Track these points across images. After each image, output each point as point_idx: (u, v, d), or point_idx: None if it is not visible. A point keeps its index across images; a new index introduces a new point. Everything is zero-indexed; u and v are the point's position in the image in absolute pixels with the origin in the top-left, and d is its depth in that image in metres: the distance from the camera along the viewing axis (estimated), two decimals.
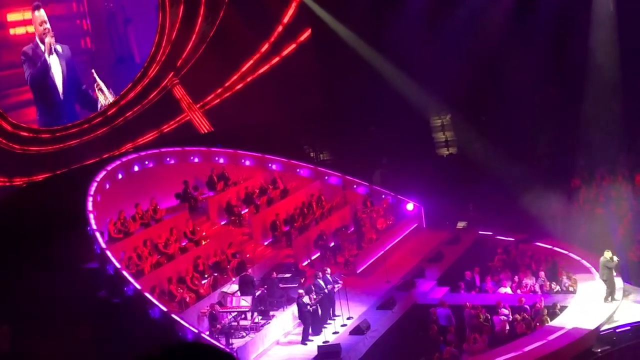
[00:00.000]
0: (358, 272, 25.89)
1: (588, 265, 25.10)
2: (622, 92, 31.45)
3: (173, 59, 32.37)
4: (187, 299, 22.16)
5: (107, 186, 26.30)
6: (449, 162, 36.62)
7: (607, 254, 22.38)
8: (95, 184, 25.23)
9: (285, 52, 35.02)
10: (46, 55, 28.46)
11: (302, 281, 23.41)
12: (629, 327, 21.19)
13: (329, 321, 22.26)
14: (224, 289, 22.84)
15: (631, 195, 28.36)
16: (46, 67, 28.50)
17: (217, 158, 30.77)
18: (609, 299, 22.35)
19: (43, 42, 28.35)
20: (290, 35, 35.07)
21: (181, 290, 22.40)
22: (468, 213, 31.10)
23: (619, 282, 23.03)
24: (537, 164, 30.73)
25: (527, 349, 19.87)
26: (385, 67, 34.16)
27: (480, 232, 29.40)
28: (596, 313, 21.76)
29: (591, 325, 21.04)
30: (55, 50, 28.82)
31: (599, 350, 20.54)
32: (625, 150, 30.88)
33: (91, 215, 23.71)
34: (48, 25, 28.51)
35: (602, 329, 21.10)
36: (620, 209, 27.70)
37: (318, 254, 26.91)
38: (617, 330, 21.11)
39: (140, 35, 32.61)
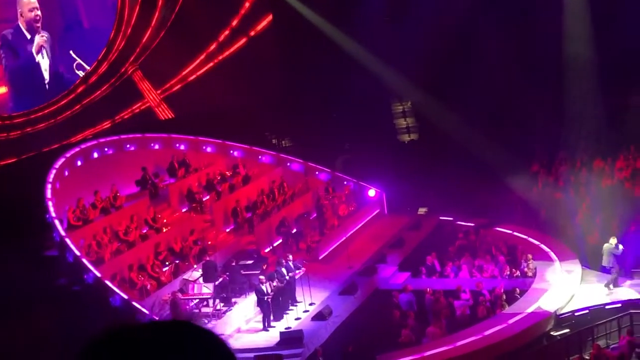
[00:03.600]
0: (320, 258, 25.92)
1: (547, 249, 25.39)
2: (582, 79, 31.80)
3: (132, 44, 32.02)
4: (148, 287, 22.02)
5: (66, 173, 25.99)
6: (411, 148, 36.79)
7: (613, 241, 22.28)
8: (54, 171, 24.93)
9: (246, 38, 34.83)
10: (34, 52, 27.93)
11: (264, 268, 23.36)
12: (587, 310, 21.49)
13: (291, 307, 22.28)
14: (186, 276, 22.75)
15: (589, 180, 28.75)
16: (33, 65, 28.01)
17: (177, 145, 30.57)
18: (611, 285, 22.35)
19: (30, 32, 27.67)
20: (252, 21, 34.89)
21: (142, 278, 22.24)
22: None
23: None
24: (497, 149, 30.94)
25: (487, 332, 20.09)
26: (349, 51, 34.13)
27: (441, 218, 29.57)
28: (555, 297, 22.03)
29: (550, 309, 21.30)
30: (43, 47, 28.26)
31: (558, 333, 20.81)
32: (584, 136, 31.24)
33: (50, 203, 23.44)
34: (39, 12, 27.76)
35: (561, 312, 21.37)
36: (579, 194, 28.06)
37: (280, 241, 26.87)
38: (576, 314, 21.40)
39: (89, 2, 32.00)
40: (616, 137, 30.00)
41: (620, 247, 22.24)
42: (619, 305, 21.48)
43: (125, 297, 20.81)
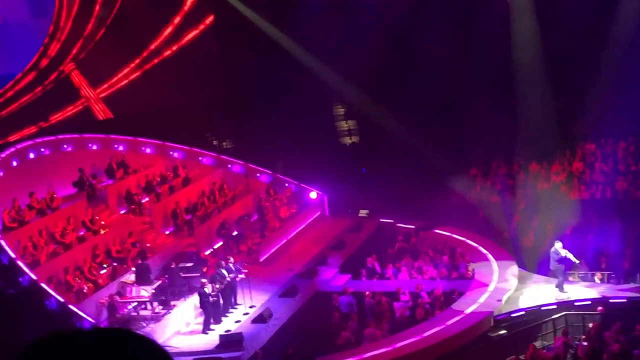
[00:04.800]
0: (261, 260, 25.83)
1: (485, 251, 25.72)
2: (521, 82, 32.31)
3: (70, 43, 31.51)
4: (85, 289, 21.67)
5: (1, 174, 25.45)
6: (352, 151, 36.94)
7: (558, 245, 22.42)
8: None
9: (187, 38, 34.57)
10: None
11: (204, 270, 23.18)
12: (523, 312, 21.83)
13: (231, 310, 22.16)
14: (123, 279, 22.45)
15: (526, 183, 29.27)
16: None
17: (116, 145, 30.18)
18: (560, 288, 22.53)
19: None
20: (193, 21, 34.64)
21: (79, 281, 21.88)
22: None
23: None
24: (437, 152, 31.30)
25: (426, 334, 20.25)
26: (291, 52, 34.13)
27: (381, 220, 29.76)
28: (492, 298, 22.32)
29: (488, 311, 21.58)
30: None
31: (495, 334, 21.09)
32: (521, 140, 31.75)
33: None
34: None
35: (498, 313, 21.66)
36: (515, 197, 28.53)
37: (220, 243, 26.70)
38: (512, 315, 21.71)
39: None
40: (552, 141, 30.58)
41: (565, 250, 22.41)
42: (555, 306, 21.87)
43: (62, 300, 20.43)
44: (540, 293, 22.80)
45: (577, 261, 22.58)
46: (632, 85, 29.46)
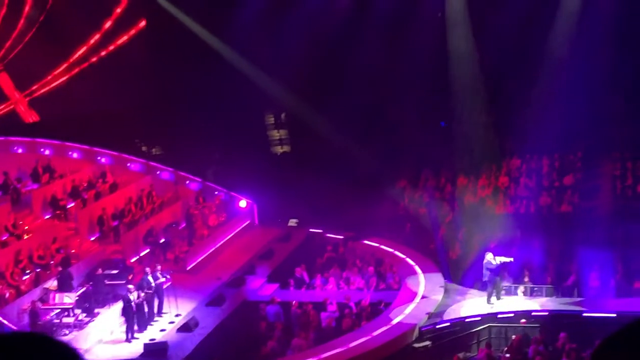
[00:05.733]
0: (188, 268, 25.63)
1: (412, 263, 25.99)
2: (452, 95, 32.78)
3: None
4: (7, 295, 21.18)
5: None
6: (283, 160, 36.94)
7: (489, 256, 22.62)
8: None
9: (118, 42, 34.14)
10: None
11: (130, 278, 22.90)
12: (448, 323, 22.11)
13: (156, 318, 21.91)
14: (46, 285, 22.00)
15: (453, 196, 29.74)
16: None
17: (42, 149, 29.60)
18: (490, 300, 22.77)
19: None
20: (124, 25, 34.23)
21: (0, 286, 21.36)
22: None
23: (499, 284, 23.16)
24: (365, 163, 31.57)
25: (352, 344, 20.34)
26: (224, 59, 33.96)
27: (310, 230, 29.82)
28: (418, 310, 22.56)
29: (413, 322, 21.80)
30: None
31: (420, 345, 21.31)
32: (450, 153, 32.23)
33: None
34: None
35: (424, 325, 21.90)
36: (442, 210, 28.94)
37: (147, 250, 26.40)
38: (437, 327, 21.98)
39: None
40: (480, 155, 31.12)
41: (497, 261, 22.77)
42: (479, 318, 22.23)
43: None
44: (465, 305, 23.14)
45: (511, 259, 22.98)
46: (558, 102, 30.21)
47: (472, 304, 23.09)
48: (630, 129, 31.29)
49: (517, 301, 23.01)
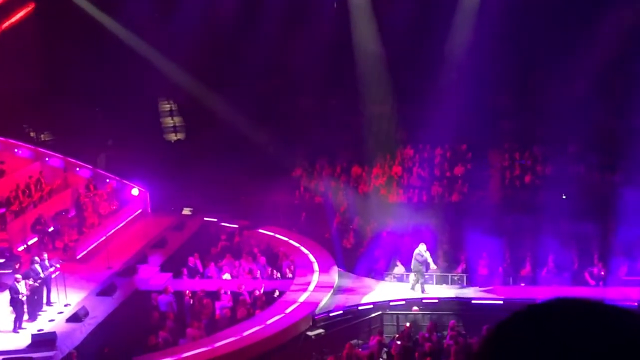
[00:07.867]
0: (78, 257, 25.03)
1: (306, 252, 26.12)
2: (350, 84, 33.06)
3: None
4: None
5: None
6: (177, 148, 36.49)
7: (421, 247, 22.93)
8: None
9: (5, 24, 32.87)
10: None
11: (16, 267, 22.18)
12: (341, 311, 22.34)
13: (45, 308, 21.31)
14: None
15: (347, 185, 30.05)
16: None
17: None
18: (414, 287, 23.05)
19: None
20: (11, 9, 32.96)
21: None
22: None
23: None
24: (260, 152, 31.53)
25: (245, 333, 20.32)
26: (117, 43, 33.20)
27: (205, 219, 29.58)
28: (312, 298, 22.70)
29: (307, 310, 21.93)
30: None
31: (313, 333, 21.45)
32: (344, 143, 32.55)
33: None
34: None
35: (317, 313, 22.05)
36: (337, 199, 29.19)
37: (35, 239, 25.64)
38: (331, 315, 22.17)
39: None
40: (374, 145, 31.53)
41: (427, 253, 23.00)
42: (371, 306, 22.55)
43: None
44: (358, 293, 23.42)
45: (435, 267, 23.38)
46: (451, 95, 30.88)
47: (365, 293, 23.39)
48: (519, 122, 32.34)
49: (408, 289, 23.42)
